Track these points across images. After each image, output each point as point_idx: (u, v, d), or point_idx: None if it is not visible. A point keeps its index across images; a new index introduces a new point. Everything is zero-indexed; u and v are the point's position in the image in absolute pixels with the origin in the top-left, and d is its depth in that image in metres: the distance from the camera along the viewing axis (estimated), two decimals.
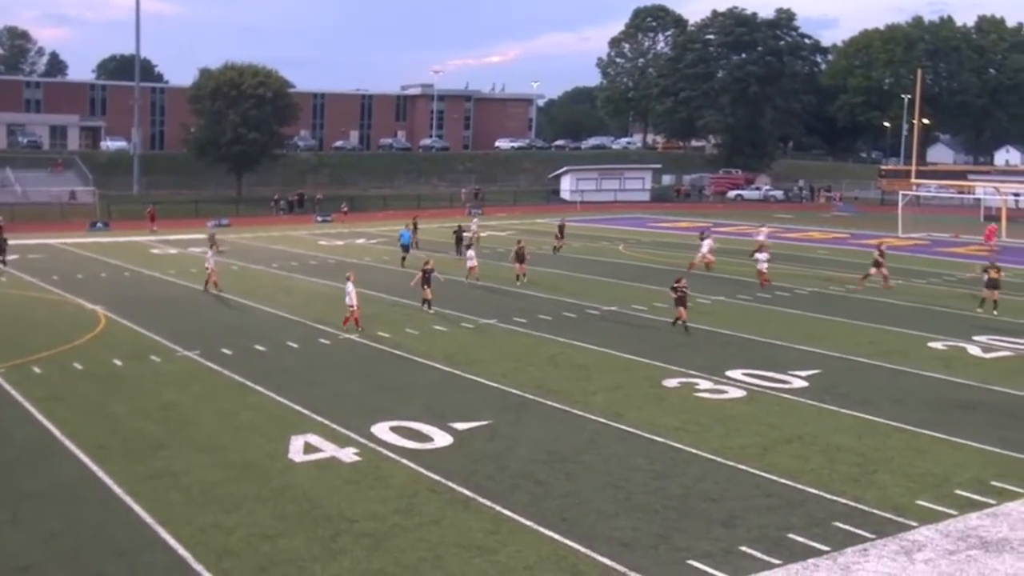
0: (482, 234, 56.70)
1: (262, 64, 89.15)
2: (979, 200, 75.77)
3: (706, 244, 44.83)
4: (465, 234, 50.24)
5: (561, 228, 53.05)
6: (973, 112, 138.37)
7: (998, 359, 26.30)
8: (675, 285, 29.66)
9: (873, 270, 39.25)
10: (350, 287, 29.31)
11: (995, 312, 32.39)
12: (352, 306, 29.18)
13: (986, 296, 33.01)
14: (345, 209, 75.00)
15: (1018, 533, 14.46)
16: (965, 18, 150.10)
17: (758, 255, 40.34)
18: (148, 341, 27.94)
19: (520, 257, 39.65)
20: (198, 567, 13.14)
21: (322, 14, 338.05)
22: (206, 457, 17.73)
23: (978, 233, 61.45)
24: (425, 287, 32.34)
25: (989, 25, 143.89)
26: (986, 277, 33.49)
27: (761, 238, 46.67)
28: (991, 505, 15.52)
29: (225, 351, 26.33)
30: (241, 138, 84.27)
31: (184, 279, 40.76)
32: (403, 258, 45.71)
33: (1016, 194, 70.72)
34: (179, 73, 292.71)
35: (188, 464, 17.30)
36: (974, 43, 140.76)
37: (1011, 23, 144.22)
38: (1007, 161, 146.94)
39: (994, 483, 16.47)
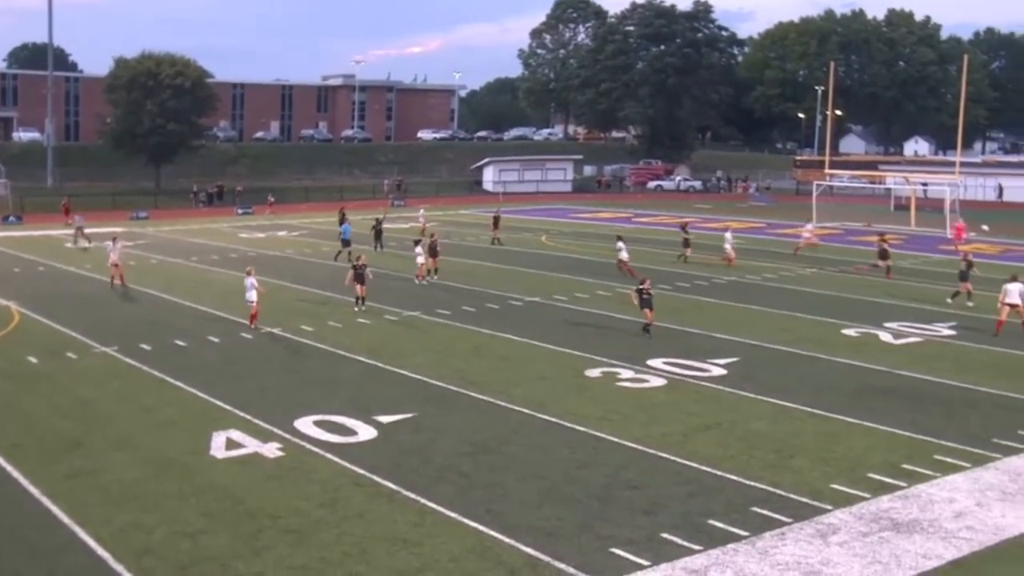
0: (427, 225, 55.30)
1: (180, 54, 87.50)
2: (889, 190, 77.42)
3: (809, 227, 50.04)
4: (416, 226, 49.91)
5: (496, 219, 52.75)
6: (883, 104, 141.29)
7: (908, 345, 26.94)
8: (640, 287, 28.53)
9: (881, 262, 40.09)
10: (250, 282, 28.55)
11: (970, 304, 32.59)
12: (252, 302, 28.46)
13: (961, 289, 33.08)
14: (272, 200, 73.92)
15: (927, 514, 14.85)
16: (876, 12, 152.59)
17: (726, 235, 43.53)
18: (64, 337, 27.33)
19: (433, 251, 38.97)
20: (118, 567, 12.92)
21: (241, 3, 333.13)
22: (125, 455, 17.42)
23: (890, 221, 62.81)
24: (358, 284, 31.42)
25: (898, 19, 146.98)
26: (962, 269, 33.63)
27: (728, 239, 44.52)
28: (902, 487, 15.91)
29: (144, 347, 25.88)
30: (159, 129, 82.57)
31: (101, 274, 39.84)
32: (339, 253, 43.66)
33: (924, 184, 72.40)
34: (94, 62, 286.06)
35: (106, 462, 16.99)
36: (884, 36, 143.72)
37: (919, 16, 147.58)
38: (916, 152, 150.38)
39: (904, 466, 16.89)
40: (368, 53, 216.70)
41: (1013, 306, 28.51)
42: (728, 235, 43.85)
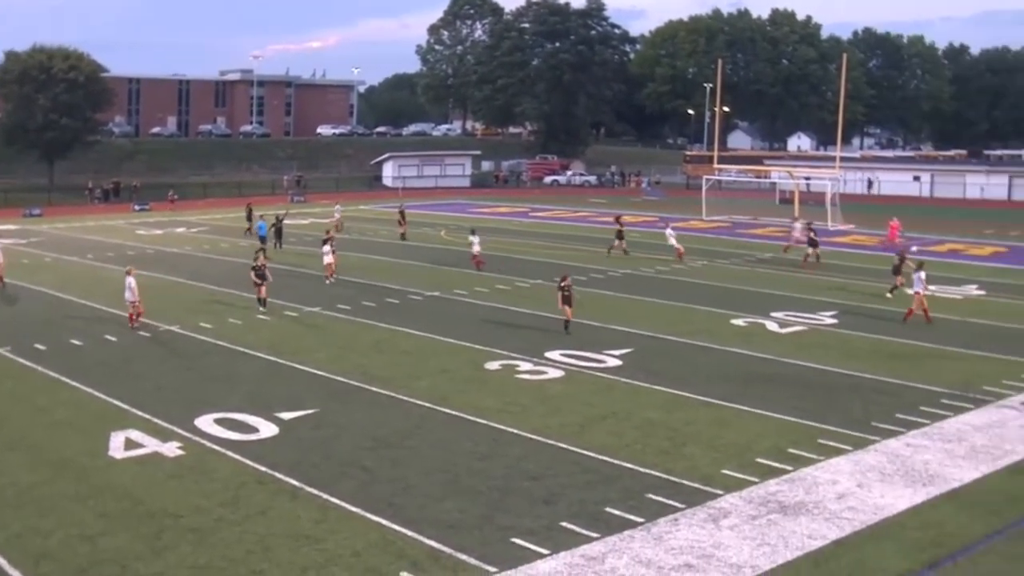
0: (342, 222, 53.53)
1: (73, 47, 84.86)
2: (775, 184, 79.20)
3: (797, 226, 46.01)
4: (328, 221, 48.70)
5: (402, 213, 52.29)
6: (768, 100, 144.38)
7: (793, 333, 27.61)
8: (561, 284, 27.54)
9: (811, 249, 41.05)
10: (130, 281, 27.49)
11: (889, 295, 32.73)
12: (133, 301, 27.47)
13: (897, 283, 32.94)
14: (174, 197, 72.16)
15: (812, 496, 15.25)
16: (760, 11, 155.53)
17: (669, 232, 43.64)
18: None
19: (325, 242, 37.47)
20: (15, 573, 12.53)
21: None
22: (19, 457, 16.89)
23: (775, 215, 64.21)
24: (259, 285, 30.11)
25: (781, 18, 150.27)
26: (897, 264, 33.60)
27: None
28: (788, 471, 16.32)
29: (38, 346, 25.10)
30: (52, 124, 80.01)
31: None
32: (261, 250, 39.94)
33: (807, 178, 74.24)
34: None
35: (0, 465, 16.43)
36: (768, 35, 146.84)
37: (801, 16, 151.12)
38: (799, 147, 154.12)
39: (791, 450, 17.32)
40: (266, 48, 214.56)
41: (916, 293, 29.08)
42: (669, 231, 43.65)
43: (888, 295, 32.86)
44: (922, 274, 29.29)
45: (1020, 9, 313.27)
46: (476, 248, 39.30)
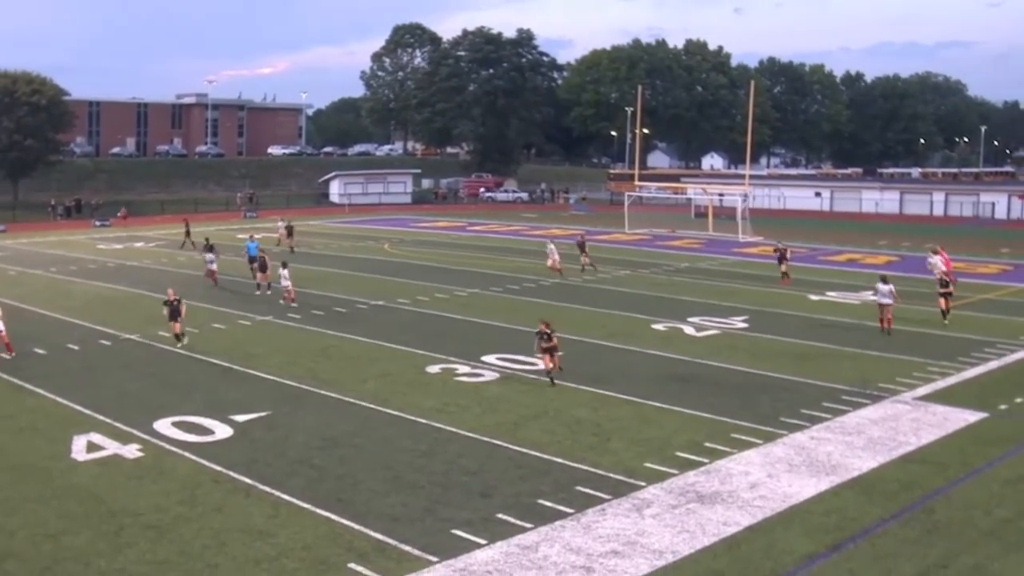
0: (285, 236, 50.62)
1: (36, 72, 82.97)
2: (691, 199, 79.98)
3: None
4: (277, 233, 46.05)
5: (289, 229, 50.91)
6: (684, 123, 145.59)
7: (708, 337, 27.89)
8: (540, 332, 22.17)
9: (783, 266, 38.96)
10: None
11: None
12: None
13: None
14: (123, 214, 70.92)
15: (727, 486, 15.41)
16: (676, 41, 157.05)
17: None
18: None
19: (263, 267, 35.53)
20: None
21: (96, 24, 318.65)
22: None
23: (691, 228, 64.87)
24: (172, 321, 26.22)
25: (695, 48, 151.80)
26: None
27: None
28: (705, 463, 16.47)
29: (3, 356, 24.43)
30: (16, 145, 78.12)
31: None
32: (253, 270, 37.33)
33: (720, 194, 75.07)
34: None
35: None
36: (684, 63, 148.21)
37: (713, 46, 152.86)
38: (712, 166, 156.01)
39: (707, 444, 17.48)
40: (220, 73, 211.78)
41: (884, 306, 27.99)
42: (551, 246, 41.64)
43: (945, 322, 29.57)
44: (891, 287, 28.11)
45: (910, 41, 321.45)
46: (213, 266, 36.71)
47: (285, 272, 33.08)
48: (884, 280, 28.59)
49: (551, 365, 21.91)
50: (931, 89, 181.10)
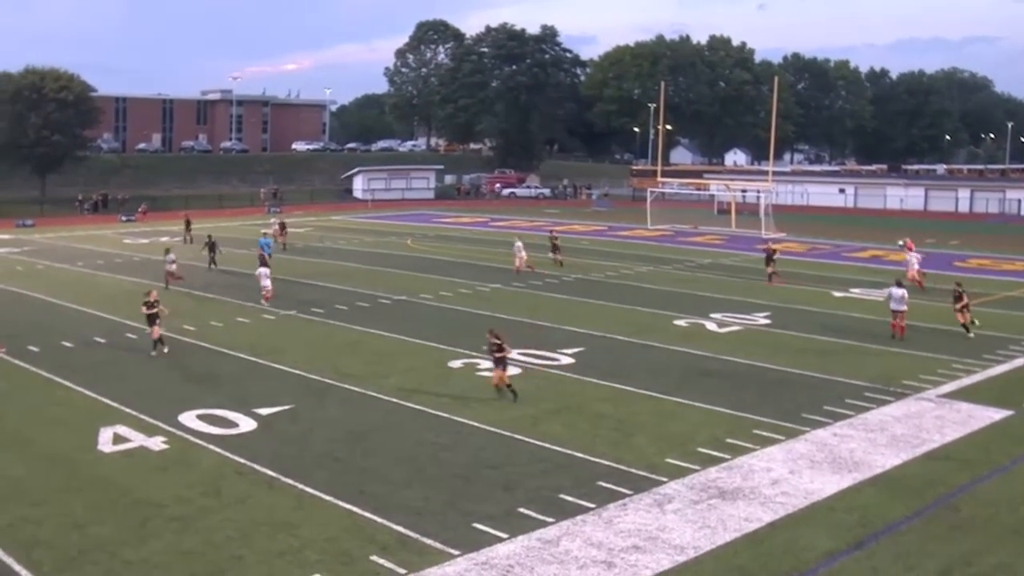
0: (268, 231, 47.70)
1: (64, 69, 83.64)
2: (713, 196, 79.64)
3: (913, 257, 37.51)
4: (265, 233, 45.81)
5: (283, 225, 50.64)
6: (706, 119, 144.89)
7: (730, 333, 27.79)
8: (491, 342, 20.53)
9: (770, 268, 37.61)
10: None
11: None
12: None
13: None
14: (143, 209, 71.43)
15: (749, 482, 15.36)
16: (699, 37, 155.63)
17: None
18: None
19: (263, 262, 34.64)
20: (7, 559, 12.32)
21: (122, 23, 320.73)
22: (13, 453, 16.61)
23: (713, 224, 64.67)
24: (152, 324, 24.48)
25: (718, 44, 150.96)
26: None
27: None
28: (727, 459, 16.42)
29: (32, 348, 24.70)
30: (44, 140, 78.85)
31: None
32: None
33: (743, 191, 74.75)
34: None
35: None
36: (707, 59, 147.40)
37: (736, 42, 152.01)
38: (735, 162, 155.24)
39: (728, 440, 17.43)
40: (245, 70, 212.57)
41: (898, 312, 26.56)
42: (518, 244, 40.01)
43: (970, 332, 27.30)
44: (905, 292, 26.93)
45: (934, 37, 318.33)
46: (172, 267, 35.16)
47: (264, 271, 32.38)
48: (899, 284, 27.36)
49: (502, 379, 20.10)
50: (957, 85, 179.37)
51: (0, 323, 28.59)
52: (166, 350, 24.28)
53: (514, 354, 24.23)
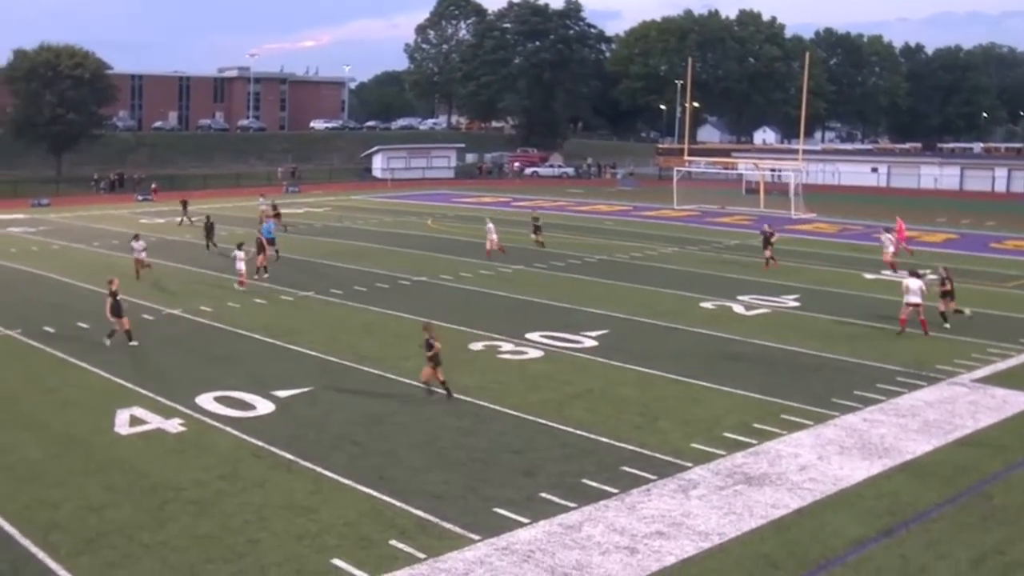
0: (270, 212, 46.77)
1: (79, 46, 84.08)
2: (741, 175, 79.19)
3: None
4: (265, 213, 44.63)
5: (275, 207, 49.34)
6: (735, 96, 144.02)
7: (758, 316, 27.68)
8: (428, 340, 18.91)
9: (768, 251, 36.37)
10: None
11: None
12: None
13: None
14: (155, 188, 71.83)
15: (776, 468, 15.33)
16: (728, 12, 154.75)
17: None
18: None
19: (260, 247, 34.01)
20: (25, 542, 12.48)
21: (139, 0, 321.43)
22: (29, 434, 16.79)
23: (741, 204, 64.31)
24: (115, 317, 23.18)
25: (748, 19, 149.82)
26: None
27: None
28: (753, 445, 16.38)
29: (48, 329, 24.94)
30: (59, 119, 79.45)
31: (3, 259, 38.27)
32: (276, 251, 36.56)
33: (772, 170, 74.27)
34: None
35: (11, 442, 16.35)
36: (736, 35, 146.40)
37: (767, 17, 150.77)
38: (764, 140, 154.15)
39: (755, 425, 17.38)
40: (262, 47, 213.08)
41: (913, 305, 24.84)
42: (490, 225, 39.07)
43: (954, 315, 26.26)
44: (922, 284, 25.16)
45: (971, 11, 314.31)
46: (142, 255, 33.27)
47: (240, 254, 31.50)
48: (915, 275, 25.49)
49: (437, 378, 18.92)
50: (995, 60, 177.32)
51: (16, 303, 28.89)
52: (134, 344, 23.23)
53: (536, 336, 24.30)
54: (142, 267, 32.87)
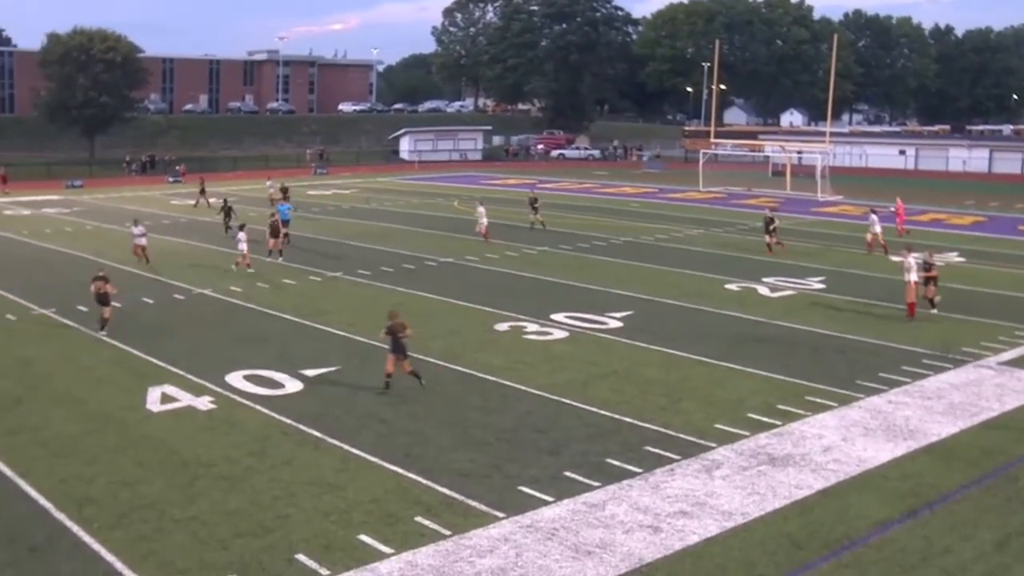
0: (278, 195, 46.78)
1: (112, 30, 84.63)
2: (768, 157, 78.63)
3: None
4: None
5: (284, 190, 48.22)
6: (763, 79, 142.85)
7: (782, 297, 27.54)
8: (390, 325, 18.40)
9: (770, 237, 35.51)
10: None
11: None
12: None
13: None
14: (182, 170, 72.29)
15: (799, 449, 15.28)
16: None
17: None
18: (3, 301, 26.48)
19: (274, 231, 33.42)
20: (59, 516, 12.66)
21: None
22: (65, 411, 17.01)
23: (768, 187, 63.88)
24: (103, 306, 22.82)
25: (776, 1, 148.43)
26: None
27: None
28: (777, 426, 16.34)
29: (81, 308, 25.18)
30: (92, 101, 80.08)
31: (38, 240, 38.70)
32: (286, 235, 35.07)
33: (799, 152, 73.63)
34: (27, 37, 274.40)
35: (47, 419, 16.57)
36: (764, 17, 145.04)
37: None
38: (791, 123, 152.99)
39: (780, 406, 17.33)
40: (291, 30, 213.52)
41: (914, 284, 24.68)
42: (480, 209, 38.60)
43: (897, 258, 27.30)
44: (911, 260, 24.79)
45: None
46: (142, 240, 32.50)
47: (242, 235, 31.14)
48: (910, 251, 25.20)
49: (407, 369, 18.11)
50: None
51: (51, 283, 29.21)
52: (103, 334, 22.53)
53: (561, 317, 24.30)
54: (141, 253, 32.22)
